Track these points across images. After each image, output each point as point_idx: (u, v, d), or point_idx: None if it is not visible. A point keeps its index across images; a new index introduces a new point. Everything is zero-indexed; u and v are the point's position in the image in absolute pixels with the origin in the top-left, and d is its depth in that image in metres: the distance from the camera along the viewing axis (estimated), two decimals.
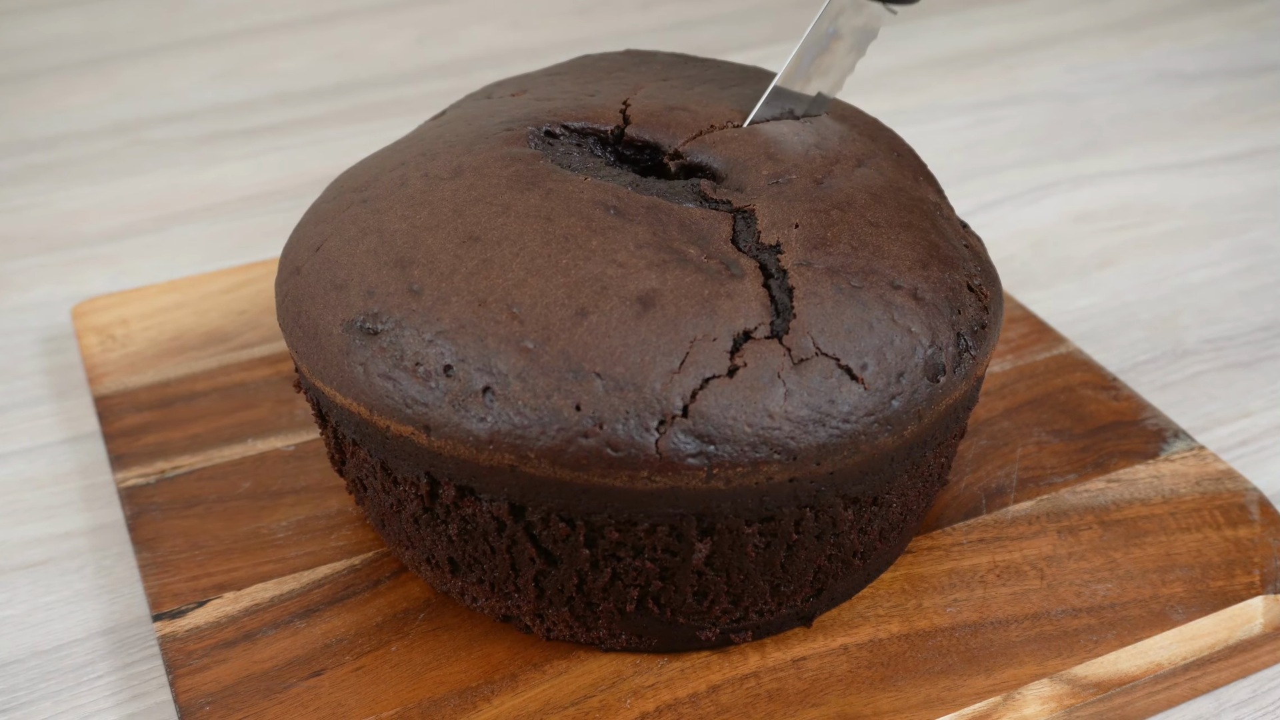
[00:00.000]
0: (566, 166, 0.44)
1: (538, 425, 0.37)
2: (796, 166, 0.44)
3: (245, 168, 0.76)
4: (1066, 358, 0.56)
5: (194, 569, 0.46)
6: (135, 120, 0.81)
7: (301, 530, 0.47)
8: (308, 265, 0.43)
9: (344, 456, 0.44)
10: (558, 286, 0.39)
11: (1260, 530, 0.47)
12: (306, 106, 0.83)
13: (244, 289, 0.60)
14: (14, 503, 0.52)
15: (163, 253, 0.68)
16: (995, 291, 0.44)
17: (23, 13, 0.95)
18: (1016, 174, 0.73)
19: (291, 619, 0.44)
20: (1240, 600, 0.44)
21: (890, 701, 0.41)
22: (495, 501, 0.39)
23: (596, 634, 0.42)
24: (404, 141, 0.48)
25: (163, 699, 0.44)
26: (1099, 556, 0.46)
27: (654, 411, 0.37)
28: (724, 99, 0.48)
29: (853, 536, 0.42)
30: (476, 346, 0.38)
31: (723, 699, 0.41)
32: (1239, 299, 0.63)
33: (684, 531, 0.39)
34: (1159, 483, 0.49)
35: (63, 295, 0.64)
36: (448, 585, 0.44)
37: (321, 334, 0.41)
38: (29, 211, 0.72)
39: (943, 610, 0.44)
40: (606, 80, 0.50)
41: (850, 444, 0.39)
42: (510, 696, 0.41)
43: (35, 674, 0.45)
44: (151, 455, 0.51)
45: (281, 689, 0.41)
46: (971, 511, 0.48)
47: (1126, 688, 0.42)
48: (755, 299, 0.39)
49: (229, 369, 0.55)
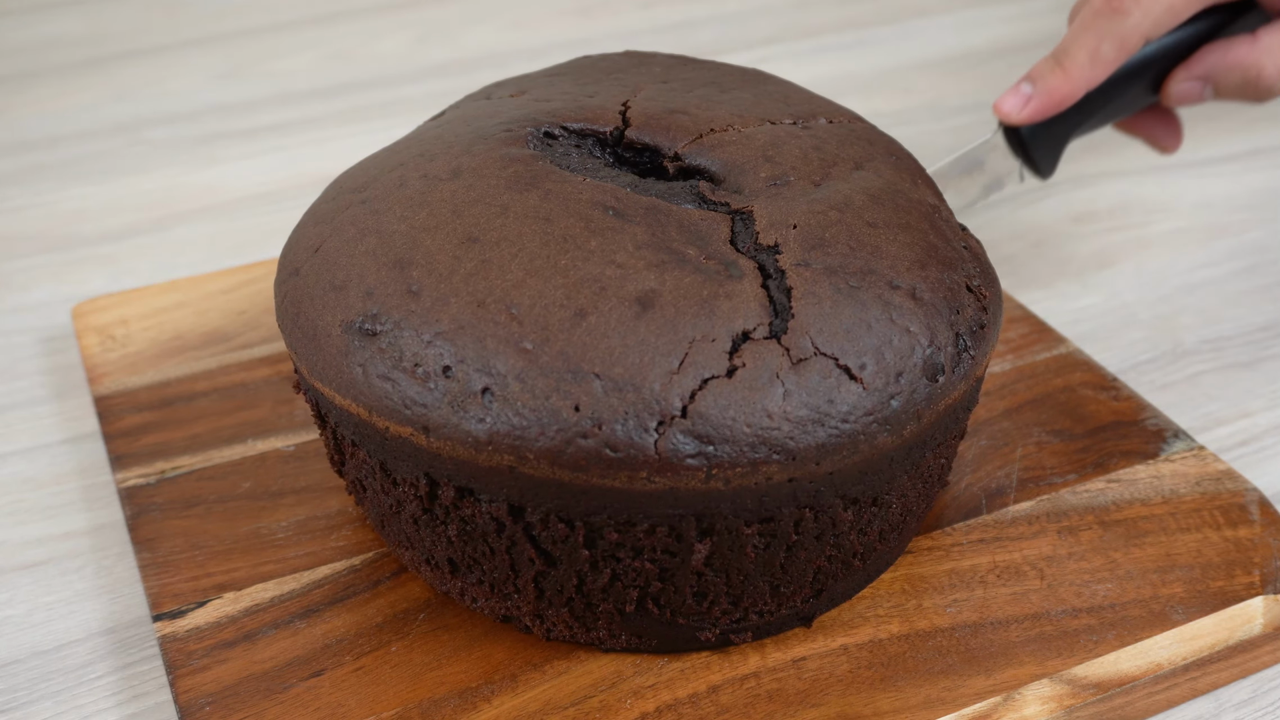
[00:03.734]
0: (565, 168, 0.44)
1: (537, 426, 0.37)
2: (795, 169, 0.44)
3: (245, 168, 0.76)
4: (1066, 358, 0.56)
5: (194, 569, 0.46)
6: (135, 120, 0.81)
7: (301, 530, 0.47)
8: (307, 266, 0.43)
9: (343, 457, 0.44)
10: (556, 287, 0.39)
11: (1260, 530, 0.47)
12: (306, 106, 0.83)
13: (244, 289, 0.60)
14: (14, 503, 0.52)
15: (163, 253, 0.68)
16: (994, 292, 0.44)
17: (23, 13, 0.95)
18: None
19: (291, 619, 0.44)
20: (1240, 600, 0.44)
21: (890, 702, 0.41)
22: (494, 502, 0.39)
23: (596, 634, 0.42)
24: (403, 142, 0.48)
25: (163, 699, 0.44)
26: (1099, 557, 0.46)
27: (653, 412, 0.37)
28: (724, 102, 0.48)
29: (852, 537, 0.42)
30: (475, 347, 0.38)
31: (723, 699, 0.41)
32: (1239, 299, 0.63)
33: (683, 532, 0.39)
34: (1159, 483, 0.49)
35: (63, 295, 0.64)
36: (447, 586, 0.44)
37: (320, 335, 0.41)
38: (29, 211, 0.72)
39: (943, 610, 0.44)
40: (606, 81, 0.50)
41: (849, 444, 0.39)
42: (510, 697, 0.41)
43: (35, 674, 0.45)
44: (151, 455, 0.51)
45: (282, 689, 0.41)
46: (971, 512, 0.48)
47: (1126, 688, 0.42)
48: (754, 299, 0.39)
49: (229, 369, 0.55)
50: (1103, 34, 0.47)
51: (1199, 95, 0.50)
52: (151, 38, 0.92)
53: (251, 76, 0.87)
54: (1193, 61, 0.49)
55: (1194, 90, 0.50)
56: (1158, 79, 0.50)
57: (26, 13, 0.95)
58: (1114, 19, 0.47)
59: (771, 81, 0.51)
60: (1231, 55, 0.49)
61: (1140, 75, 0.49)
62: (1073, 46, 0.48)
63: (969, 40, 0.90)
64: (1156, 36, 0.48)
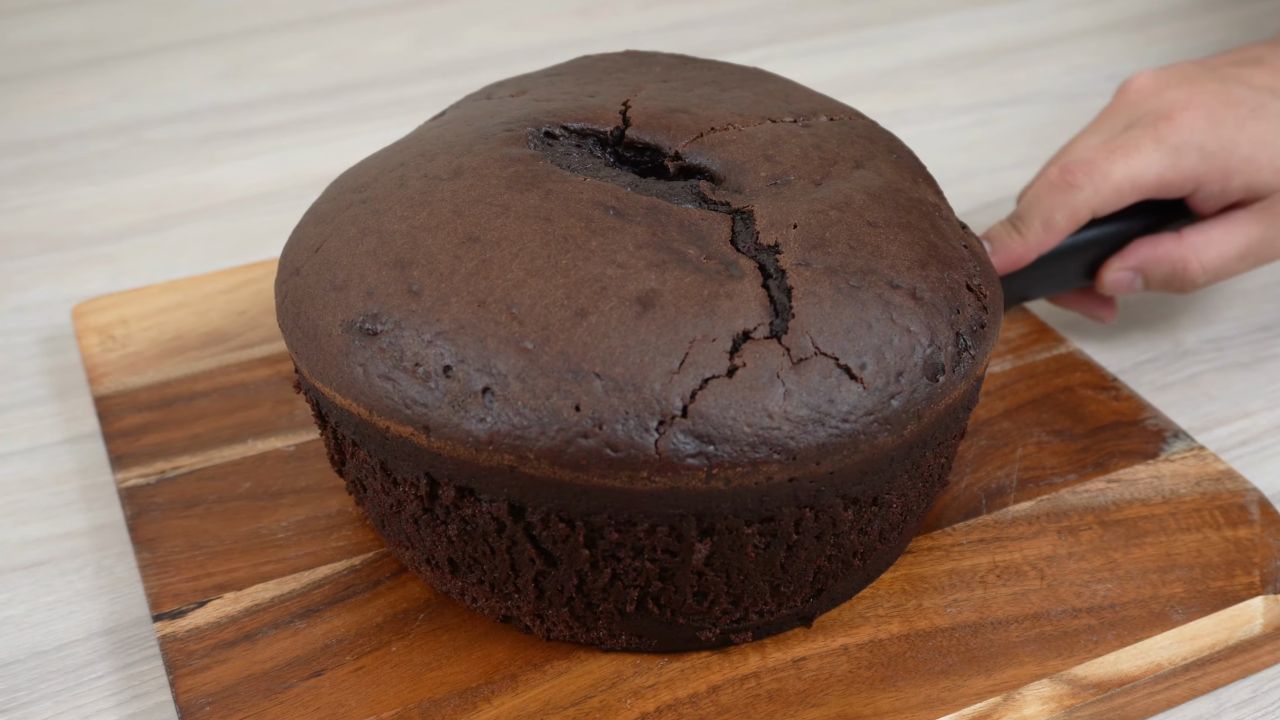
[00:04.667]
0: (566, 167, 0.44)
1: (537, 426, 0.37)
2: (795, 168, 0.44)
3: (245, 168, 0.76)
4: (1066, 358, 0.56)
5: (194, 569, 0.46)
6: (135, 120, 0.81)
7: (301, 530, 0.47)
8: (307, 266, 0.43)
9: (344, 457, 0.44)
10: (557, 287, 0.39)
11: (1260, 530, 0.47)
12: (306, 106, 0.83)
13: (244, 289, 0.60)
14: (14, 503, 0.52)
15: (163, 253, 0.68)
16: (995, 291, 0.44)
17: (23, 13, 0.95)
18: (1016, 174, 0.73)
19: (292, 619, 0.44)
20: (1240, 600, 0.44)
21: (890, 702, 0.41)
22: (495, 502, 0.39)
23: (596, 634, 0.42)
24: (403, 142, 0.48)
25: (163, 699, 0.44)
26: (1099, 557, 0.46)
27: (653, 412, 0.37)
28: (724, 101, 0.48)
29: (853, 537, 0.42)
30: (476, 347, 0.38)
31: (723, 699, 0.41)
32: (1239, 299, 0.63)
33: (684, 532, 0.39)
34: (1159, 483, 0.49)
35: (63, 295, 0.64)
36: (448, 585, 0.44)
37: (321, 335, 0.41)
38: (29, 211, 0.72)
39: (943, 610, 0.44)
40: (606, 81, 0.50)
41: (850, 443, 0.39)
42: (510, 697, 0.41)
43: (35, 674, 0.45)
44: (151, 455, 0.51)
45: (282, 689, 0.41)
46: (971, 512, 0.48)
47: (1126, 688, 0.42)
48: (754, 299, 0.39)
49: (229, 369, 0.55)
50: (1055, 205, 0.52)
51: (1129, 284, 0.55)
52: (151, 38, 0.92)
53: (251, 76, 0.87)
54: (1126, 253, 0.54)
55: (1125, 279, 0.55)
56: (1093, 266, 0.55)
57: (26, 13, 0.95)
58: (1067, 192, 0.52)
59: (772, 80, 0.51)
60: (1161, 249, 0.54)
61: (1080, 256, 0.55)
62: (1028, 214, 0.53)
63: (969, 40, 0.90)
64: (1102, 214, 0.53)
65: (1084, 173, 0.52)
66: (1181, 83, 0.54)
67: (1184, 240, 0.54)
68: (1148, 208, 0.55)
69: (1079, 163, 0.52)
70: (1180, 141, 0.52)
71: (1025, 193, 0.54)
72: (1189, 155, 0.52)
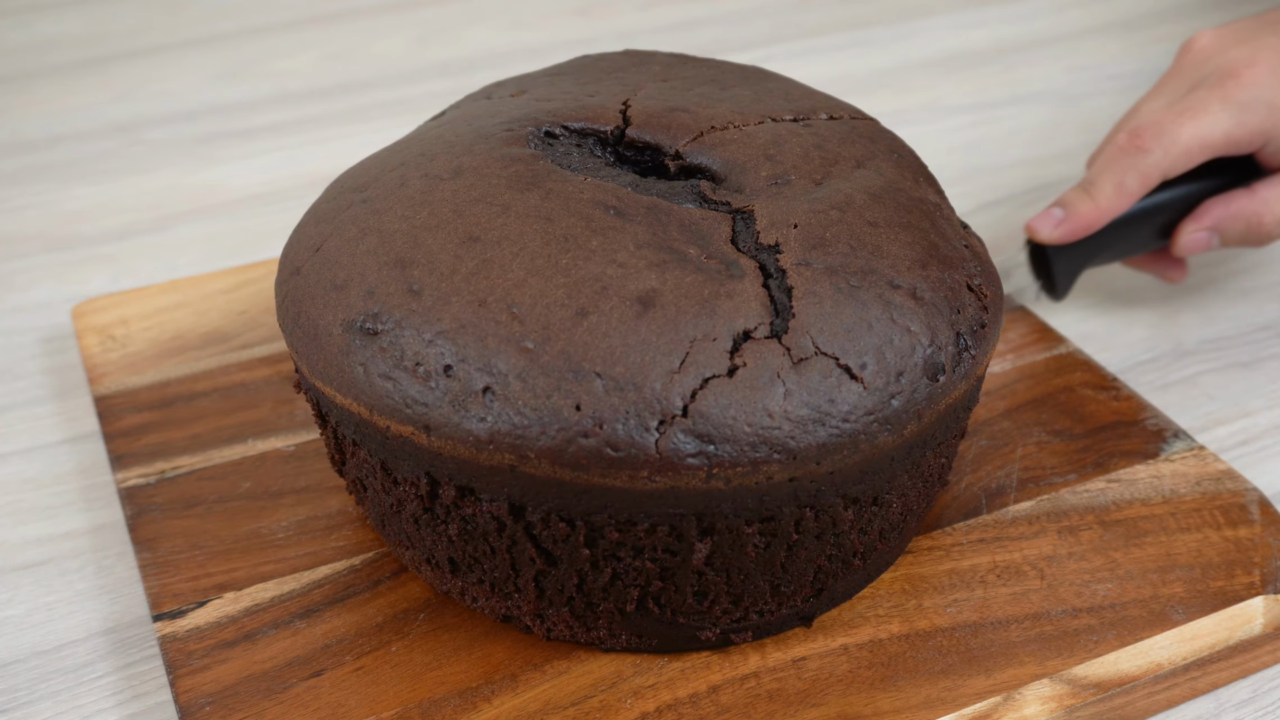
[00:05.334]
0: (566, 167, 0.44)
1: (538, 425, 0.37)
2: (795, 167, 0.44)
3: (245, 168, 0.76)
4: (1066, 358, 0.56)
5: (194, 569, 0.46)
6: (135, 120, 0.81)
7: (301, 530, 0.47)
8: (307, 265, 0.43)
9: (344, 457, 0.44)
10: (558, 286, 0.39)
11: (1260, 530, 0.47)
12: (306, 106, 0.83)
13: (244, 289, 0.60)
14: (14, 503, 0.52)
15: (163, 253, 0.68)
16: (995, 291, 0.44)
17: (23, 13, 0.95)
18: (1016, 174, 0.73)
19: (291, 619, 0.44)
20: (1240, 600, 0.44)
21: (890, 701, 0.41)
22: (495, 501, 0.39)
23: (597, 634, 0.42)
24: (404, 142, 0.48)
25: (163, 699, 0.44)
26: (1099, 556, 0.46)
27: (654, 411, 0.37)
28: (724, 99, 0.48)
29: (853, 536, 0.42)
30: (476, 346, 0.38)
31: (723, 699, 0.41)
32: (1239, 299, 0.63)
33: (684, 531, 0.39)
34: (1159, 483, 0.49)
35: (63, 295, 0.64)
36: (448, 585, 0.44)
37: (321, 334, 0.41)
38: (29, 211, 0.72)
39: (943, 610, 0.44)
40: (606, 80, 0.50)
41: (850, 443, 0.39)
42: (510, 696, 0.41)
43: (35, 674, 0.45)
44: (151, 455, 0.51)
45: (282, 689, 0.41)
46: (971, 511, 0.48)
47: (1126, 688, 0.42)
48: (755, 299, 0.39)
49: (229, 369, 0.55)
50: (1126, 168, 0.53)
51: (1207, 244, 0.55)
52: (151, 38, 0.92)
53: (251, 76, 0.87)
54: (1199, 214, 0.55)
55: (1202, 239, 0.55)
56: (1166, 228, 0.56)
57: (26, 13, 0.95)
58: (1137, 155, 0.52)
59: (772, 78, 0.51)
60: (1234, 206, 0.54)
61: (1152, 219, 0.55)
62: (1099, 179, 0.53)
63: (969, 40, 0.90)
64: (1173, 175, 0.53)
65: (1153, 136, 0.52)
66: (1244, 39, 0.55)
67: (1256, 194, 0.54)
68: (1217, 166, 0.55)
69: (1147, 126, 0.52)
70: (1247, 98, 0.52)
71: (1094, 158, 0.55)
72: (1256, 111, 0.52)
